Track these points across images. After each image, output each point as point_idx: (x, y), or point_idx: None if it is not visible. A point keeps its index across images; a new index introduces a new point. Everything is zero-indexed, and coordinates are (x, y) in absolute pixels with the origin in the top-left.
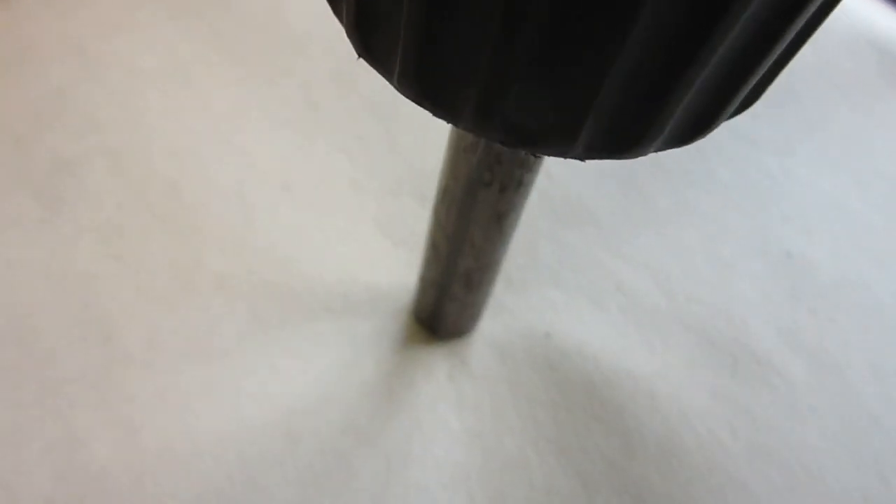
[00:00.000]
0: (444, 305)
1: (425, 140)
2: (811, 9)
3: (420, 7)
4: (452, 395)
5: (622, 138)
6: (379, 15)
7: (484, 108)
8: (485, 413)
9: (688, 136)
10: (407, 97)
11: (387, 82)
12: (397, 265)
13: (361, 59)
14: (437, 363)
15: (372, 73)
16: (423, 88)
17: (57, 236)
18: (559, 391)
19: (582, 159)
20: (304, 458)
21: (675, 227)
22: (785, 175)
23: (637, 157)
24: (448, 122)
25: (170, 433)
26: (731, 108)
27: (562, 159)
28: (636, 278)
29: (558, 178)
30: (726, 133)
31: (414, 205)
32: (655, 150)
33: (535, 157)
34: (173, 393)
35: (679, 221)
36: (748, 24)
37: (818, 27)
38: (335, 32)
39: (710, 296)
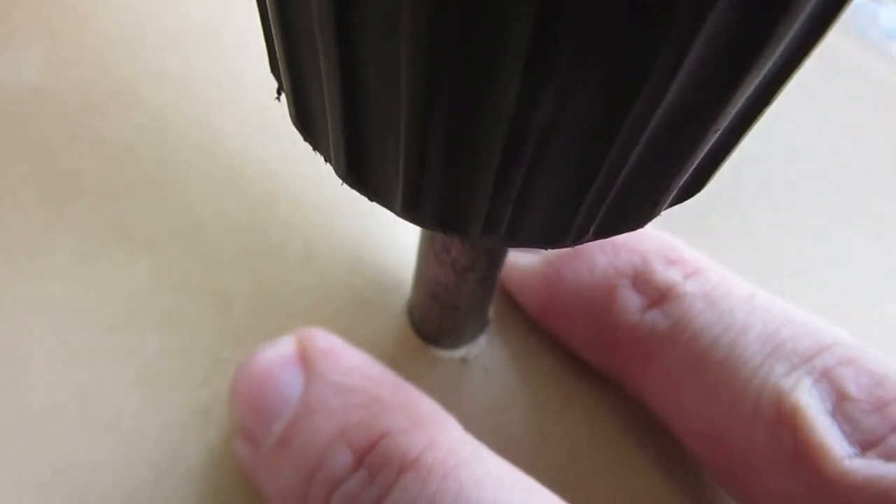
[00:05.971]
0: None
1: None
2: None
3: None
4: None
5: (552, 232)
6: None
7: (410, 202)
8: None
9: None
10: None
11: None
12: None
13: None
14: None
15: None
16: (359, 181)
17: None
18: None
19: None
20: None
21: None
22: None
23: (574, 245)
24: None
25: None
26: (665, 201)
27: None
28: None
29: None
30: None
31: None
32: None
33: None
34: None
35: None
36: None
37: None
38: None
39: None
